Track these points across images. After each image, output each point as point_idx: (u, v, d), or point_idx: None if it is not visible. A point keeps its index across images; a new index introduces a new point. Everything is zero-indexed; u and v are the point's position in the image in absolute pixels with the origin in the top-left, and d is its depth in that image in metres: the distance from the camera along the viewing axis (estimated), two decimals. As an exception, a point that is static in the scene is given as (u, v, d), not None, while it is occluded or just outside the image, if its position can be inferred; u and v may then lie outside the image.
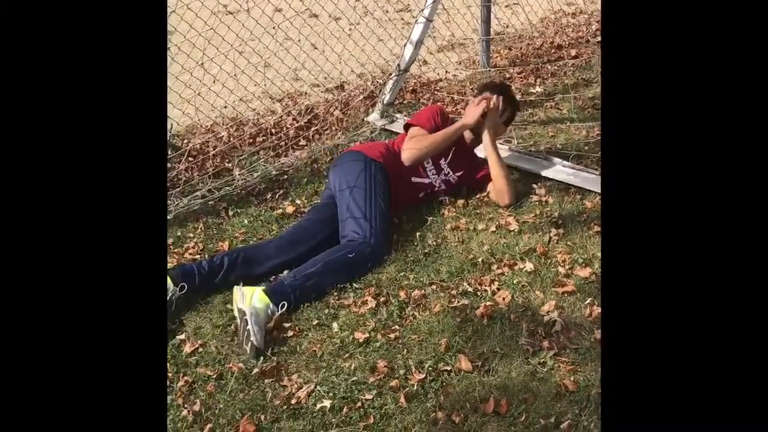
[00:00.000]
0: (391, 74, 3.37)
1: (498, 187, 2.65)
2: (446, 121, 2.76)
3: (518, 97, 3.59)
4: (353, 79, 3.85)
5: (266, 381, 1.88)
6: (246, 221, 2.66)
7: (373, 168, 2.53)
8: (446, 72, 4.07)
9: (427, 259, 2.38)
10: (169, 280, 2.17)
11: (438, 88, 3.86)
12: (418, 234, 2.52)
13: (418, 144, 2.63)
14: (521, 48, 4.35)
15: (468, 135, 2.78)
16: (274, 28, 3.48)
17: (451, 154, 2.73)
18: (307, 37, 3.73)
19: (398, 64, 3.30)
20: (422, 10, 3.14)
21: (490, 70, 3.88)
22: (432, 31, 3.56)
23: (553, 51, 4.32)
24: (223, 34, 3.17)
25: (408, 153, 2.62)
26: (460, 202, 2.70)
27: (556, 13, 4.99)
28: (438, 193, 2.73)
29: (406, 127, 2.78)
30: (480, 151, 2.80)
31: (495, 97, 2.72)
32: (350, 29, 4.29)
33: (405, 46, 3.26)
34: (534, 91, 3.77)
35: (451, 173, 2.73)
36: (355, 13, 4.26)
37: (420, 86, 3.86)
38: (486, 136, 2.69)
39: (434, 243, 2.46)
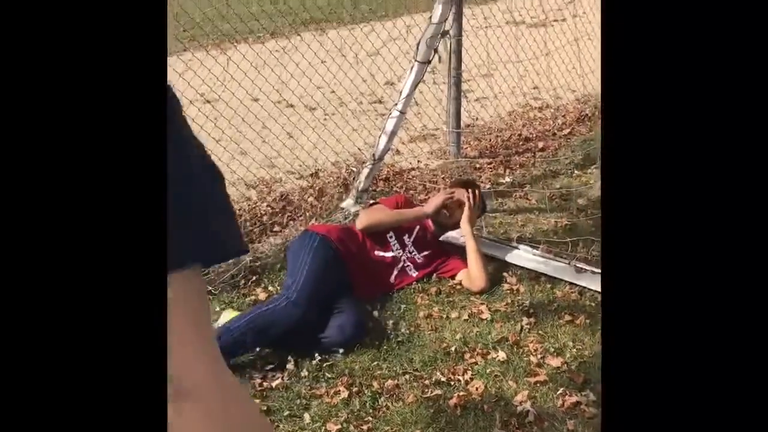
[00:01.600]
0: (365, 162, 3.45)
1: (473, 273, 2.71)
2: (410, 208, 2.90)
3: (488, 186, 3.71)
4: (328, 167, 3.92)
5: (235, 475, 1.83)
6: (218, 308, 2.64)
7: (315, 240, 2.61)
8: (418, 161, 4.18)
9: (400, 347, 2.38)
10: None
11: (410, 176, 3.95)
12: (391, 322, 2.52)
13: (373, 212, 2.80)
14: (490, 140, 4.50)
15: (430, 224, 2.89)
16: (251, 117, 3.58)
17: (414, 234, 2.83)
18: (283, 126, 3.82)
19: (373, 154, 3.39)
20: (396, 104, 3.26)
21: (460, 160, 4.00)
22: (404, 123, 3.68)
23: (521, 143, 4.47)
24: (201, 123, 3.24)
25: (361, 217, 2.77)
26: (433, 289, 2.73)
27: (524, 108, 5.20)
28: (407, 272, 2.77)
29: (371, 206, 2.90)
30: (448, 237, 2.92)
31: (470, 191, 2.85)
32: (325, 119, 4.42)
33: (380, 136, 3.36)
34: (503, 181, 3.88)
35: (416, 252, 2.80)
36: (330, 104, 4.40)
37: (393, 175, 3.95)
38: (465, 224, 2.79)
39: (407, 331, 2.46)
